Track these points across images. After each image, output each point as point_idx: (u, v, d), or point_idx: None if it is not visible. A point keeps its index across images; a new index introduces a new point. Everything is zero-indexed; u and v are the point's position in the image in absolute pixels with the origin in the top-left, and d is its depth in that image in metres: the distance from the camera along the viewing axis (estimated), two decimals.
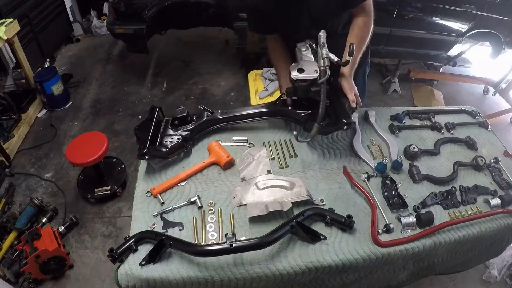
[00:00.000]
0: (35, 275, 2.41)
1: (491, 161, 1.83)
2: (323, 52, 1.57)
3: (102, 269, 2.60)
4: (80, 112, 4.05)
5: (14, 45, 3.58)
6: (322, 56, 1.57)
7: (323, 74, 1.57)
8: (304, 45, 1.72)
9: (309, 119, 1.73)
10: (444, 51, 4.21)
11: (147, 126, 1.70)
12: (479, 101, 4.64)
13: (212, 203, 1.52)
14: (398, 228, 1.48)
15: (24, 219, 2.73)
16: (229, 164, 1.68)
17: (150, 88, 4.48)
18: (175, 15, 4.12)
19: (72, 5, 5.25)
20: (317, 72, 1.58)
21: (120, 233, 2.82)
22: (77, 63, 4.91)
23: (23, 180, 3.22)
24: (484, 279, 2.63)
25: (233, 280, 1.31)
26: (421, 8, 3.82)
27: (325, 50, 1.57)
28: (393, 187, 1.61)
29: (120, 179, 3.11)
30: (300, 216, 1.40)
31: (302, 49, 1.71)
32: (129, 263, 1.31)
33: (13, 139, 3.43)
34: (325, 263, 1.35)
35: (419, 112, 2.11)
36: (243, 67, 4.72)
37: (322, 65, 1.56)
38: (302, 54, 1.69)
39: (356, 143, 1.83)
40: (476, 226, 1.56)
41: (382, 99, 4.48)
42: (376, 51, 4.22)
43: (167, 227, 1.42)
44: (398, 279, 1.64)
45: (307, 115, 1.77)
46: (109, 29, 4.07)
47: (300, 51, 1.71)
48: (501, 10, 3.84)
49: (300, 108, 1.80)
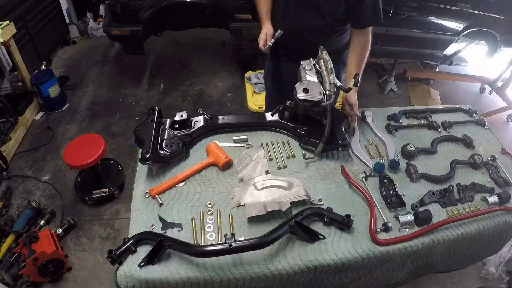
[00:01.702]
0: (33, 278, 2.40)
1: (488, 159, 1.84)
2: (331, 78, 1.67)
3: (101, 271, 2.59)
4: (77, 115, 4.04)
5: (10, 48, 3.56)
6: (329, 82, 1.66)
7: (328, 98, 1.67)
8: (309, 64, 1.78)
9: (306, 135, 1.81)
10: (440, 50, 4.22)
11: (148, 128, 1.69)
12: (476, 100, 4.67)
13: (211, 204, 1.52)
14: (396, 226, 1.49)
15: (22, 222, 2.72)
16: (227, 165, 1.68)
17: (147, 89, 4.47)
18: (171, 17, 4.11)
19: (68, 7, 5.22)
20: (321, 94, 1.67)
21: (118, 235, 2.81)
22: (74, 65, 4.89)
23: (20, 183, 3.20)
24: (482, 276, 2.64)
25: (233, 280, 1.31)
26: (417, 8, 3.83)
27: (332, 77, 1.67)
28: (391, 186, 1.62)
29: (118, 181, 3.10)
30: (299, 216, 1.41)
31: (307, 68, 1.77)
32: (128, 264, 1.31)
33: (10, 142, 3.41)
34: (324, 262, 1.36)
35: (416, 111, 2.13)
36: (239, 68, 4.72)
37: (329, 90, 1.66)
38: (306, 73, 1.76)
39: (354, 143, 1.84)
40: (474, 224, 1.57)
41: (378, 99, 4.49)
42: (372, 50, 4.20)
43: (166, 228, 1.42)
44: (397, 277, 1.65)
45: (304, 130, 1.83)
46: (106, 31, 4.05)
47: (305, 70, 1.77)
48: (497, 9, 3.86)
49: (297, 123, 1.87)
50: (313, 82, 1.72)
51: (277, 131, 1.92)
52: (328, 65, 1.69)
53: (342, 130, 1.78)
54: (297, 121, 1.87)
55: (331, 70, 1.68)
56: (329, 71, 1.68)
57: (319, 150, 1.71)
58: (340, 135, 1.75)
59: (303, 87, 1.70)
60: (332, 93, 1.67)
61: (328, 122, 1.68)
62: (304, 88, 1.69)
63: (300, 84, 1.72)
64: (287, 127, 1.89)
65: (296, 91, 1.71)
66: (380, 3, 1.80)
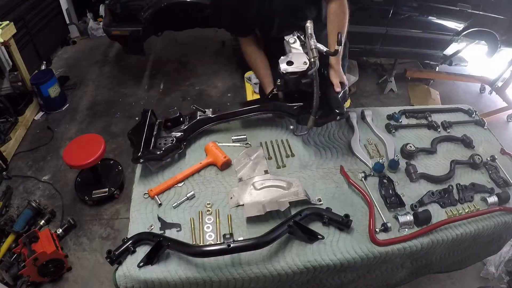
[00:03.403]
0: (33, 278, 2.40)
1: (488, 159, 1.83)
2: (311, 43, 1.53)
3: (101, 271, 2.59)
4: (77, 115, 4.04)
5: (10, 48, 3.56)
6: (310, 47, 1.53)
7: (313, 65, 1.53)
8: (292, 37, 1.69)
9: (302, 112, 1.72)
10: (440, 50, 4.23)
11: (140, 130, 1.69)
12: (476, 100, 4.66)
13: (210, 204, 1.52)
14: (395, 227, 1.48)
15: (21, 222, 2.72)
16: (226, 164, 1.68)
17: (147, 89, 4.47)
18: (171, 17, 4.11)
19: (68, 7, 5.23)
20: (307, 63, 1.56)
21: (118, 235, 2.81)
22: (74, 65, 4.90)
23: (20, 183, 3.20)
24: (482, 276, 2.64)
25: (231, 280, 1.31)
26: (417, 8, 3.84)
27: (313, 41, 1.54)
28: (390, 186, 1.62)
29: (118, 181, 3.11)
30: (298, 216, 1.40)
31: (290, 41, 1.68)
32: (127, 264, 1.31)
33: (10, 142, 3.42)
34: (323, 262, 1.36)
35: (415, 111, 2.12)
36: (239, 67, 4.71)
37: (312, 56, 1.53)
38: (291, 47, 1.66)
39: (354, 142, 1.83)
40: (473, 224, 1.57)
41: (378, 99, 4.49)
42: (372, 50, 4.23)
43: (165, 228, 1.42)
44: (396, 278, 1.65)
45: (300, 107, 1.75)
46: (105, 31, 4.06)
47: (288, 43, 1.68)
48: (497, 9, 3.86)
49: (292, 101, 1.77)
50: (297, 53, 1.62)
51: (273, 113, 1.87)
52: (308, 31, 1.57)
53: (337, 98, 1.64)
54: (293, 99, 1.77)
55: (311, 36, 1.55)
56: (309, 37, 1.56)
57: (310, 124, 1.61)
58: (335, 103, 1.60)
59: (287, 60, 1.60)
60: (315, 59, 1.52)
61: (316, 91, 1.55)
62: (288, 61, 1.59)
63: (284, 58, 1.62)
64: (282, 106, 1.80)
65: (279, 66, 1.60)
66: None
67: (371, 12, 3.87)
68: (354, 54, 4.61)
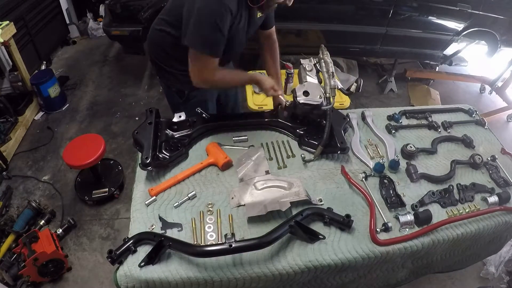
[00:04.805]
0: (33, 278, 2.39)
1: (488, 159, 1.84)
2: (332, 83, 1.65)
3: (101, 271, 2.59)
4: (77, 115, 4.03)
5: (10, 48, 3.56)
6: (330, 86, 1.65)
7: (328, 102, 1.66)
8: (309, 63, 1.78)
9: (304, 136, 1.80)
10: (440, 50, 4.23)
11: (147, 131, 1.69)
12: (476, 100, 4.67)
13: (211, 204, 1.52)
14: (396, 226, 1.49)
15: (21, 222, 2.72)
16: (227, 165, 1.68)
17: (147, 89, 4.47)
18: None
19: (68, 7, 5.22)
20: (321, 98, 1.67)
21: (118, 235, 2.81)
22: (74, 65, 4.89)
23: (20, 183, 3.20)
24: (482, 276, 2.64)
25: (233, 280, 1.31)
26: (417, 8, 3.84)
27: (333, 81, 1.65)
28: (391, 186, 1.62)
29: (118, 181, 3.10)
30: (299, 216, 1.41)
31: (307, 69, 1.76)
32: (128, 264, 1.31)
33: (10, 142, 3.41)
34: (324, 262, 1.36)
35: (415, 111, 2.12)
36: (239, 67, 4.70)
37: (329, 93, 1.65)
38: (307, 74, 1.75)
39: (354, 143, 1.84)
40: (474, 224, 1.57)
41: (378, 99, 4.49)
42: (372, 50, 4.23)
43: (166, 228, 1.42)
44: (397, 277, 1.65)
45: (302, 131, 1.83)
46: (105, 31, 4.06)
47: (305, 70, 1.76)
48: (497, 9, 3.86)
49: (296, 123, 1.86)
50: (313, 84, 1.72)
51: (276, 130, 1.92)
52: (330, 69, 1.68)
53: (341, 133, 1.78)
54: (296, 120, 1.87)
55: (333, 74, 1.67)
56: (330, 75, 1.67)
57: (317, 153, 1.72)
58: (339, 138, 1.74)
59: (304, 89, 1.70)
60: (332, 97, 1.67)
61: (328, 125, 1.69)
62: (304, 91, 1.69)
63: (300, 87, 1.72)
64: (286, 127, 1.89)
65: (296, 94, 1.71)
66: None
67: (371, 12, 3.86)
68: (354, 54, 4.62)
